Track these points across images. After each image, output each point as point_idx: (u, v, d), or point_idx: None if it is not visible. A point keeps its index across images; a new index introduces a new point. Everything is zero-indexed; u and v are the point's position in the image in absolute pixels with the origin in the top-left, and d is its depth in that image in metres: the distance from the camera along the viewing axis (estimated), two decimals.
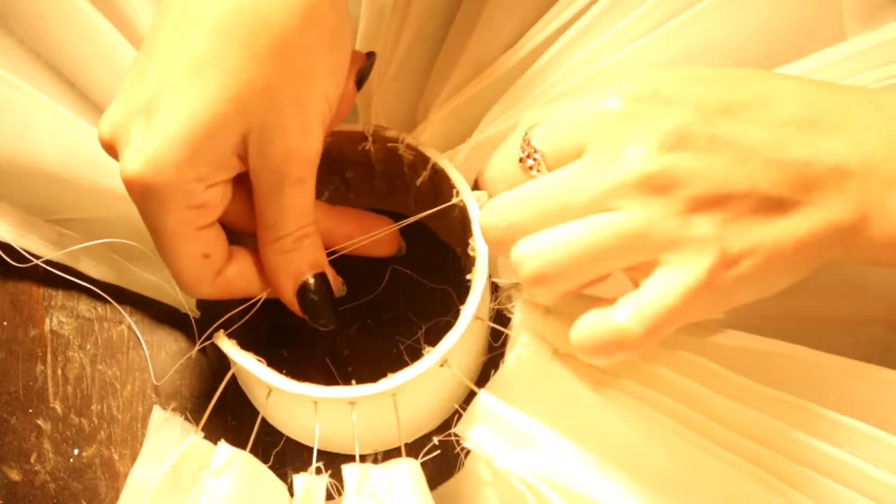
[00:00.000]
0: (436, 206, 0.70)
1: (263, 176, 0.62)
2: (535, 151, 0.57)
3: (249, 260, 0.67)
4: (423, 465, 0.66)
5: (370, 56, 0.68)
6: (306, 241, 0.66)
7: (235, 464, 0.65)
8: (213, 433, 0.75)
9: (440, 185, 0.72)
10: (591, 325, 0.54)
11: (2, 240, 0.80)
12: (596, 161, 0.54)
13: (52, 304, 0.81)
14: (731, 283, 0.53)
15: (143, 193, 0.60)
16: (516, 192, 0.57)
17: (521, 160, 0.58)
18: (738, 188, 0.52)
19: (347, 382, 0.64)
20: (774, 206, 0.53)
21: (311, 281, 0.67)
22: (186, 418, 0.75)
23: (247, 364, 0.65)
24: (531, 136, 0.58)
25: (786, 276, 0.55)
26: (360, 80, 0.67)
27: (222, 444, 0.65)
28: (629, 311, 0.53)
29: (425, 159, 0.71)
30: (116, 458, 0.77)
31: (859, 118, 0.54)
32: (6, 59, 0.76)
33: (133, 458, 0.75)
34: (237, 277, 0.67)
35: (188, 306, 0.78)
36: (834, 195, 0.53)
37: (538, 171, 0.57)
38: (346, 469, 0.64)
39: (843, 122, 0.53)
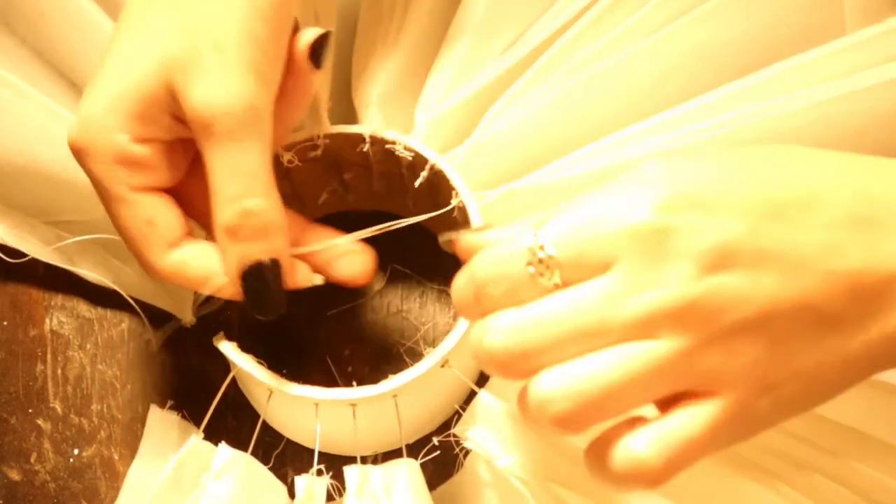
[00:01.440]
0: (434, 207, 0.70)
1: (194, 131, 0.58)
2: (549, 258, 0.49)
3: (213, 249, 0.62)
4: (423, 465, 0.66)
5: (325, 33, 0.64)
6: (256, 219, 0.59)
7: (236, 465, 0.65)
8: (213, 434, 0.75)
9: (439, 186, 0.72)
10: (605, 450, 0.49)
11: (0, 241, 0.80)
12: (630, 281, 0.47)
13: (52, 303, 0.81)
14: (766, 411, 0.49)
15: (76, 153, 0.60)
16: (532, 311, 0.49)
17: (528, 263, 0.49)
18: (787, 306, 0.47)
19: (348, 383, 0.64)
20: (825, 321, 0.47)
21: (258, 265, 0.60)
22: (183, 416, 0.75)
23: (247, 366, 0.65)
24: (543, 238, 0.49)
25: (829, 395, 0.51)
26: (315, 54, 0.63)
27: (223, 445, 0.65)
28: (650, 443, 0.48)
29: (424, 160, 0.71)
30: (116, 457, 0.77)
31: None
32: (7, 58, 0.76)
33: (133, 458, 0.75)
34: (193, 259, 0.62)
35: (184, 315, 0.79)
36: (893, 305, 0.47)
37: (549, 279, 0.49)
38: (348, 470, 0.65)
39: None
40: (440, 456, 0.69)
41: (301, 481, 0.64)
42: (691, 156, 0.50)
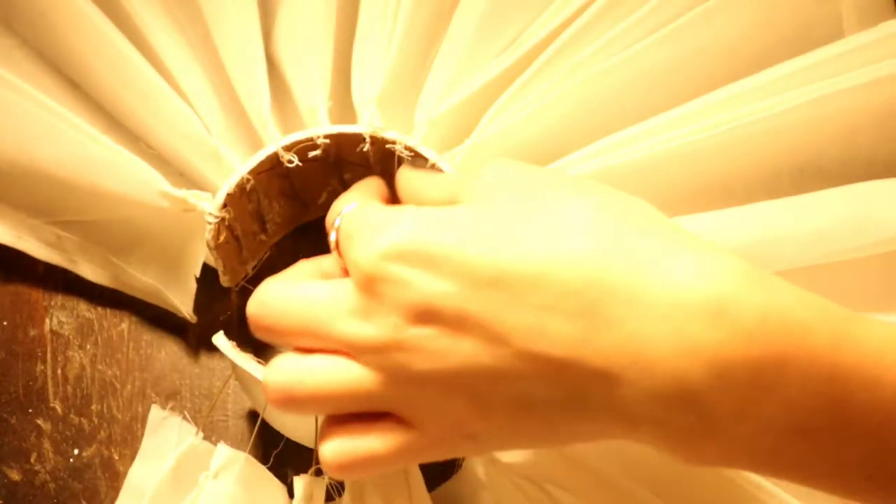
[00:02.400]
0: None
1: None
2: (336, 228, 0.57)
3: None
4: (422, 466, 0.66)
5: None
6: None
7: (234, 465, 0.65)
8: (212, 434, 0.75)
9: None
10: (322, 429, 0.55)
11: (0, 242, 0.80)
12: (350, 306, 0.52)
13: (52, 303, 0.81)
14: (469, 448, 0.53)
15: None
16: (294, 290, 0.55)
17: (330, 227, 0.58)
18: (483, 372, 0.48)
19: None
20: (526, 395, 0.49)
21: None
22: (185, 417, 0.75)
23: (246, 365, 0.65)
24: (341, 218, 0.57)
25: (539, 446, 0.56)
26: None
27: (221, 445, 0.65)
28: (333, 449, 0.53)
29: (424, 160, 0.71)
30: (116, 457, 0.77)
31: (645, 310, 0.46)
32: (8, 59, 0.77)
33: (133, 458, 0.75)
34: None
35: (185, 310, 0.78)
36: (600, 403, 0.48)
37: (333, 249, 0.57)
38: None
39: (628, 311, 0.46)
40: None
41: (300, 481, 0.64)
42: (462, 209, 0.52)
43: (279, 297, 0.55)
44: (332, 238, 0.57)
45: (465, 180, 0.55)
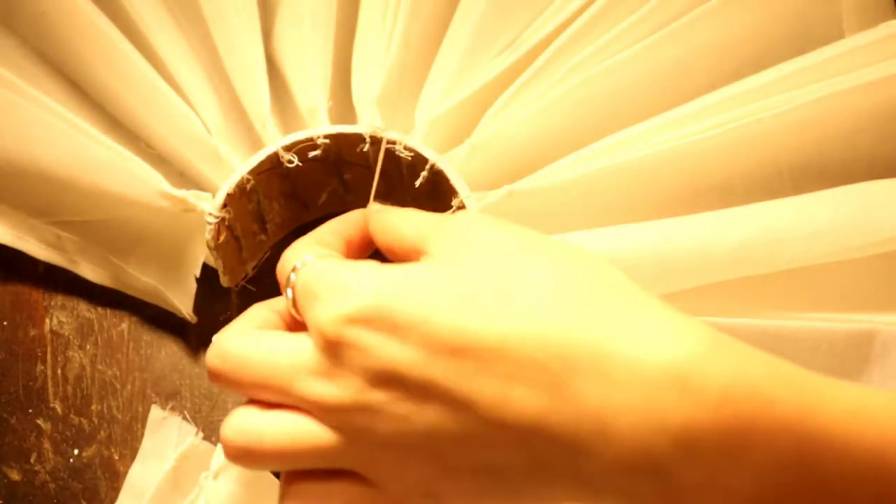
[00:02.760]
0: (435, 208, 0.70)
1: None
2: (292, 283, 0.56)
3: None
4: None
5: None
6: None
7: (235, 465, 0.65)
8: (212, 434, 0.75)
9: (439, 185, 0.72)
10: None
11: (1, 242, 0.80)
12: (312, 365, 0.51)
13: (52, 303, 0.81)
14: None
15: None
16: (255, 343, 0.55)
17: (286, 281, 0.57)
18: (448, 437, 0.48)
19: None
20: (490, 462, 0.48)
21: None
22: (184, 417, 0.75)
23: None
24: (297, 273, 0.56)
25: None
26: None
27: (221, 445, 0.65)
28: (295, 498, 0.54)
29: (424, 161, 0.71)
30: (116, 458, 0.77)
31: (621, 385, 0.46)
32: (8, 59, 0.77)
33: (133, 459, 0.75)
34: None
35: (185, 310, 0.78)
36: (564, 474, 0.48)
37: (289, 307, 0.56)
38: None
39: (592, 385, 0.46)
40: None
41: None
42: (426, 268, 0.52)
43: (239, 352, 0.54)
44: (288, 295, 0.56)
45: (435, 226, 0.55)
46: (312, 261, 0.55)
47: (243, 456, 0.53)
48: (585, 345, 0.46)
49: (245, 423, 0.53)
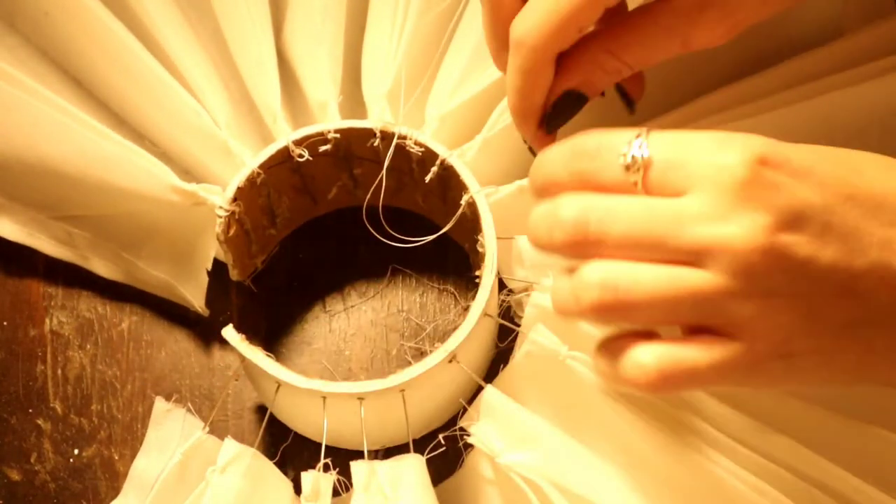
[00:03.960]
0: (444, 203, 0.70)
1: None
2: (644, 158, 0.51)
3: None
4: (427, 461, 0.66)
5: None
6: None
7: (242, 460, 0.65)
8: (216, 429, 0.75)
9: (449, 181, 0.72)
10: (613, 353, 0.52)
11: (11, 238, 0.80)
12: (704, 211, 0.49)
13: (53, 303, 0.81)
14: (777, 373, 0.51)
15: None
16: (609, 200, 0.51)
17: (623, 155, 0.51)
18: (834, 284, 0.49)
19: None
20: (864, 312, 0.49)
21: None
22: (189, 410, 0.75)
23: (255, 359, 0.65)
24: (647, 139, 0.51)
25: (839, 380, 0.53)
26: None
27: (229, 439, 0.65)
28: (653, 358, 0.51)
29: (434, 156, 0.71)
30: (116, 458, 0.77)
31: None
32: (13, 57, 0.77)
33: (133, 458, 0.75)
34: None
35: (197, 304, 0.78)
36: None
37: (634, 174, 0.51)
38: (355, 465, 0.65)
39: None
40: (444, 452, 0.68)
41: (308, 477, 0.64)
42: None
43: (603, 201, 0.52)
44: (636, 169, 0.51)
45: None
46: (655, 132, 0.52)
47: (613, 303, 0.50)
48: None
49: (612, 270, 0.51)
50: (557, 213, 0.52)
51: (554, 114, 0.64)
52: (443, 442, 0.68)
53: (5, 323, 0.81)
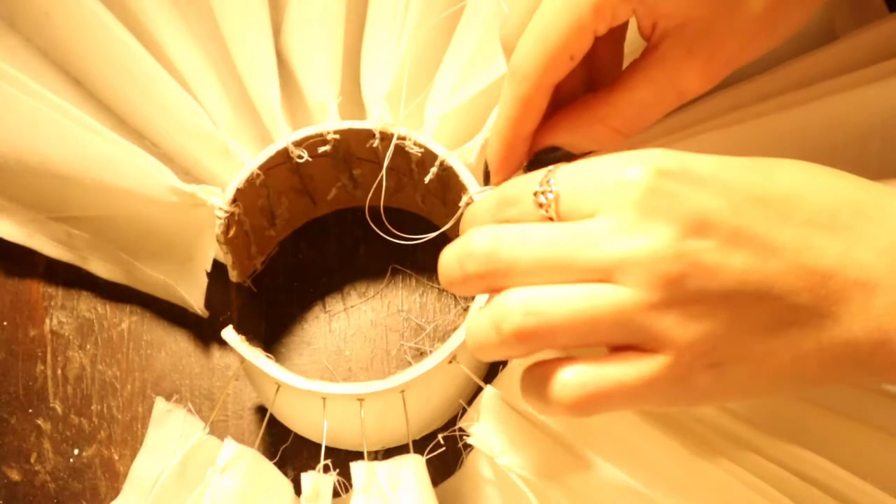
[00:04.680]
0: (444, 203, 0.70)
1: None
2: (551, 192, 0.53)
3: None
4: (427, 462, 0.66)
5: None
6: None
7: (242, 461, 0.65)
8: (216, 428, 0.75)
9: (449, 182, 0.72)
10: (536, 377, 0.53)
11: (10, 239, 0.81)
12: (613, 228, 0.50)
13: (52, 304, 0.81)
14: (705, 385, 0.51)
15: None
16: (523, 228, 0.53)
17: (535, 193, 0.53)
18: (752, 289, 0.49)
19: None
20: (785, 312, 0.49)
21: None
22: (189, 410, 0.75)
23: (255, 360, 0.65)
24: (554, 175, 0.53)
25: (771, 389, 0.53)
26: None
27: (229, 440, 0.65)
28: (573, 378, 0.51)
29: (434, 156, 0.71)
30: (116, 458, 0.77)
31: (894, 223, 0.50)
32: (13, 57, 0.77)
33: (133, 458, 0.75)
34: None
35: (196, 306, 0.78)
36: (856, 313, 0.49)
37: (547, 210, 0.53)
38: (355, 466, 0.65)
39: (881, 227, 0.49)
40: (443, 452, 0.68)
41: (307, 478, 0.64)
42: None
43: (515, 230, 0.53)
44: (547, 197, 0.53)
45: None
46: (563, 166, 0.54)
47: (530, 333, 0.51)
48: (869, 196, 0.50)
49: (530, 296, 0.51)
50: (469, 245, 0.53)
51: (536, 162, 0.64)
52: (442, 442, 0.68)
53: (5, 323, 0.81)
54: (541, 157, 0.64)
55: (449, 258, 0.55)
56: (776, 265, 0.48)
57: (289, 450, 0.75)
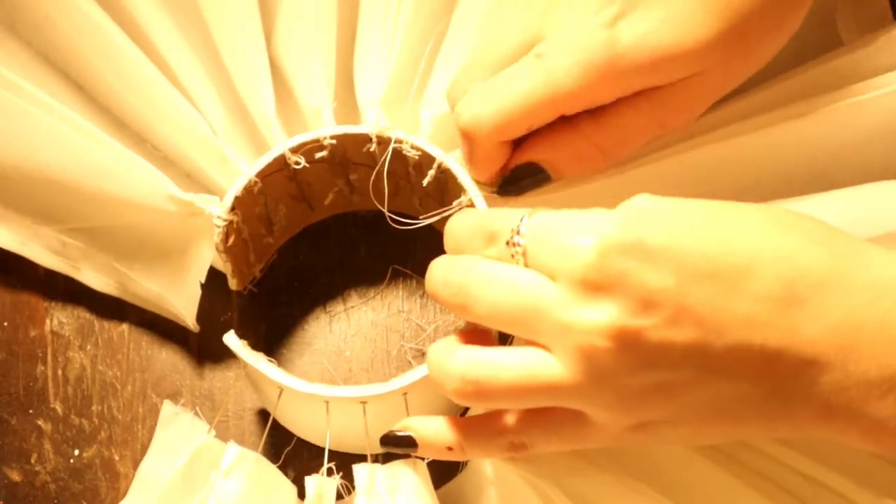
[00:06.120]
0: (442, 205, 0.70)
1: None
2: (521, 242, 0.55)
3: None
4: (429, 463, 0.66)
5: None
6: None
7: (245, 464, 0.65)
8: (217, 429, 0.76)
9: (446, 184, 0.73)
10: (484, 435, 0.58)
11: (4, 247, 0.81)
12: (561, 298, 0.51)
13: (53, 304, 0.82)
14: (635, 440, 0.54)
15: None
16: (493, 270, 0.55)
17: (506, 242, 0.56)
18: (693, 367, 0.49)
19: (348, 384, 0.66)
20: (728, 393, 0.50)
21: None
22: (196, 414, 0.76)
23: (257, 364, 0.66)
24: (527, 225, 0.55)
25: (704, 442, 0.57)
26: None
27: (232, 444, 0.65)
28: (516, 421, 0.56)
29: (431, 159, 0.71)
30: (117, 458, 0.78)
31: (852, 296, 0.48)
32: (13, 61, 0.77)
33: (133, 459, 0.76)
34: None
35: (189, 320, 0.79)
36: (802, 392, 0.49)
37: (516, 258, 0.55)
38: (357, 469, 0.65)
39: (836, 300, 0.48)
40: None
41: (311, 481, 0.65)
42: (669, 202, 0.52)
43: (479, 275, 0.56)
44: (516, 250, 0.55)
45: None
46: (538, 214, 0.55)
47: (474, 393, 0.55)
48: (825, 264, 0.48)
49: (478, 357, 0.55)
50: (448, 275, 0.57)
51: (511, 179, 0.67)
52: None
53: (6, 323, 0.81)
54: (518, 173, 0.66)
55: (434, 277, 0.59)
56: (721, 344, 0.48)
57: (291, 452, 0.75)
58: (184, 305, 0.78)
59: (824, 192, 0.66)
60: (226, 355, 0.80)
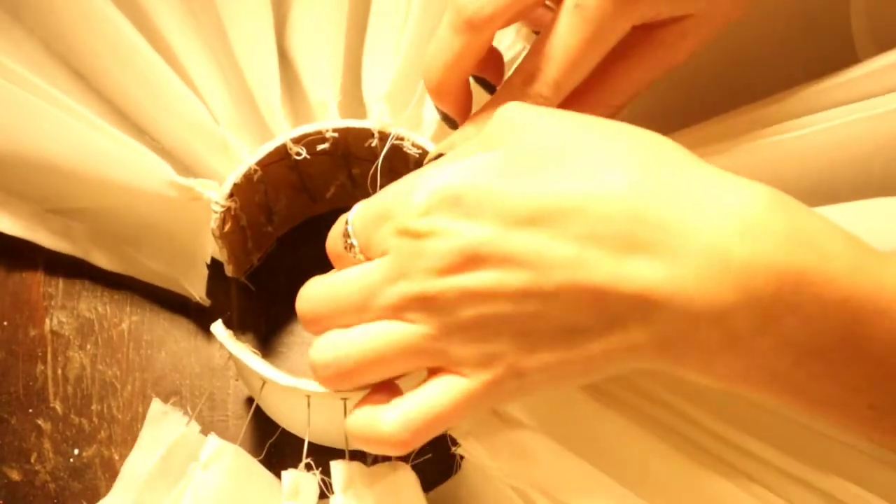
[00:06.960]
0: None
1: None
2: (352, 239, 0.58)
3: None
4: (423, 465, 0.66)
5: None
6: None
7: (224, 456, 0.65)
8: (217, 429, 0.75)
9: None
10: (361, 422, 0.57)
11: (10, 233, 0.81)
12: (390, 270, 0.54)
13: (53, 303, 0.82)
14: (513, 390, 0.54)
15: None
16: (334, 276, 0.58)
17: (343, 240, 0.58)
18: (528, 308, 0.51)
19: None
20: (567, 326, 0.51)
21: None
22: (186, 412, 0.75)
23: (241, 355, 0.65)
24: (350, 218, 0.58)
25: (575, 383, 0.58)
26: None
27: (212, 436, 0.65)
28: (396, 417, 0.55)
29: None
30: (117, 458, 0.78)
31: (687, 234, 0.48)
32: (16, 49, 0.78)
33: None
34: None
35: (198, 295, 0.79)
36: (634, 326, 0.50)
37: (355, 256, 0.58)
38: (335, 465, 0.64)
39: (665, 238, 0.48)
40: (440, 455, 0.68)
41: (287, 476, 0.64)
42: (489, 154, 0.53)
43: (318, 287, 0.59)
44: (353, 244, 0.58)
45: (492, 125, 0.55)
46: (357, 205, 0.58)
47: (335, 376, 0.57)
48: (656, 205, 0.49)
49: (331, 339, 0.57)
50: (300, 298, 0.60)
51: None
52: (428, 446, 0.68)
53: (5, 323, 0.82)
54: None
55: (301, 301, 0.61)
56: (550, 285, 0.50)
57: (276, 446, 0.75)
58: (192, 282, 0.80)
59: (824, 205, 0.65)
60: (226, 354, 0.79)
